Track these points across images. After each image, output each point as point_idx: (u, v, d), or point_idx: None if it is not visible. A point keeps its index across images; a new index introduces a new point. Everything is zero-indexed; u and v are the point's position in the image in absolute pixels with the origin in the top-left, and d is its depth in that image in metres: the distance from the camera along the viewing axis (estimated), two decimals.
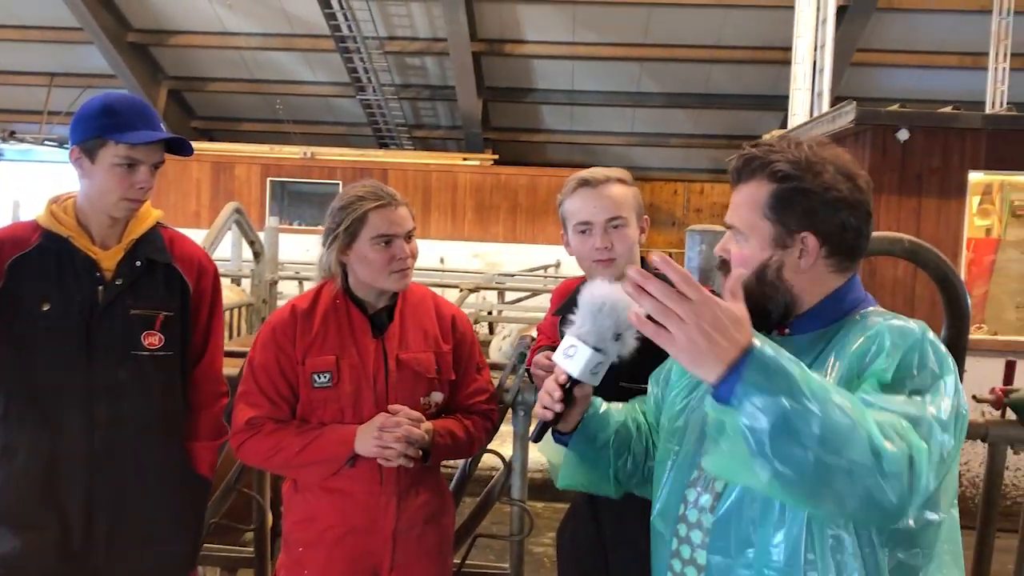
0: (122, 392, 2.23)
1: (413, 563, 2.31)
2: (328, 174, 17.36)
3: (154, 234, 2.31)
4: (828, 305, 1.57)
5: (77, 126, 2.19)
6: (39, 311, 2.19)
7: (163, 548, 2.30)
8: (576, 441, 1.77)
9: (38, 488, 2.18)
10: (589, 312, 1.64)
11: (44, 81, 18.74)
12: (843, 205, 1.53)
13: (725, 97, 17.11)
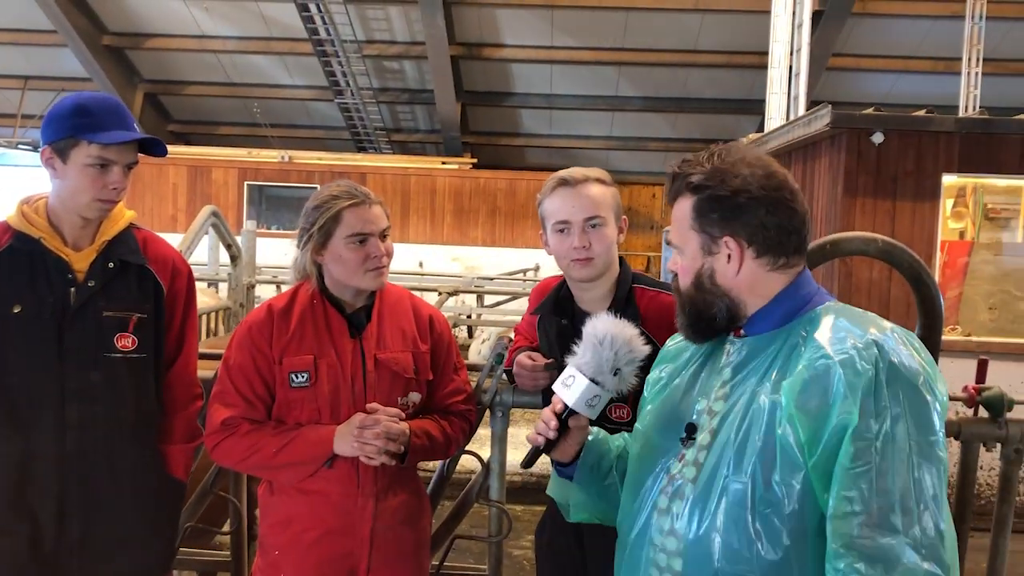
0: (95, 394, 2.20)
1: (390, 564, 2.29)
2: (306, 178, 17.28)
3: (127, 235, 2.28)
4: (778, 305, 1.59)
5: (49, 125, 2.15)
6: (10, 313, 2.15)
7: (137, 552, 2.27)
8: (580, 472, 1.77)
9: (9, 491, 2.15)
10: (591, 344, 1.67)
11: (17, 84, 18.56)
12: (759, 205, 1.55)
13: (702, 101, 17.25)
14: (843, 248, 2.53)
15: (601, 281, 2.25)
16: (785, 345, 1.55)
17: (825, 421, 1.42)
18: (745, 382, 1.57)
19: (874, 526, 1.36)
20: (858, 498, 1.38)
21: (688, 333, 1.67)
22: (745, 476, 1.48)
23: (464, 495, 2.73)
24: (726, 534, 1.49)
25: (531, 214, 16.76)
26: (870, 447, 1.39)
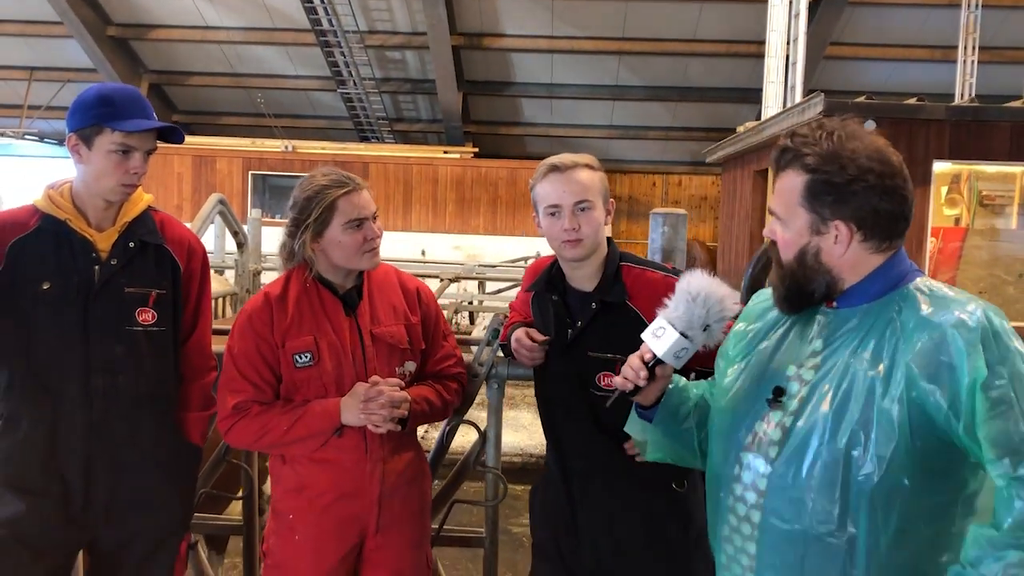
0: (118, 366, 2.35)
1: (397, 524, 2.45)
2: (309, 167, 17.27)
3: (146, 217, 2.43)
4: (872, 282, 1.65)
5: (75, 114, 2.29)
6: (39, 290, 2.29)
7: (158, 512, 2.43)
8: (660, 415, 1.88)
9: (40, 456, 2.30)
10: (684, 299, 1.77)
11: (24, 75, 18.67)
12: (873, 193, 1.60)
13: (702, 90, 17.32)
14: None
15: (590, 260, 2.39)
16: (879, 319, 1.61)
17: (957, 383, 1.49)
18: (838, 353, 1.63)
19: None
20: (1009, 430, 1.45)
21: (784, 305, 1.73)
22: (842, 445, 1.56)
23: (462, 462, 2.90)
24: (808, 496, 1.58)
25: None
26: (1005, 392, 1.46)
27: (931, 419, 1.52)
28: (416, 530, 2.51)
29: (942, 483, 1.56)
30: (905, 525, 1.55)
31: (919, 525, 1.56)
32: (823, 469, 1.58)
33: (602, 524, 2.31)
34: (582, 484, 2.34)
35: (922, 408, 1.53)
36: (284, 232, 2.47)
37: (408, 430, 2.45)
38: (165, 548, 2.46)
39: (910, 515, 1.55)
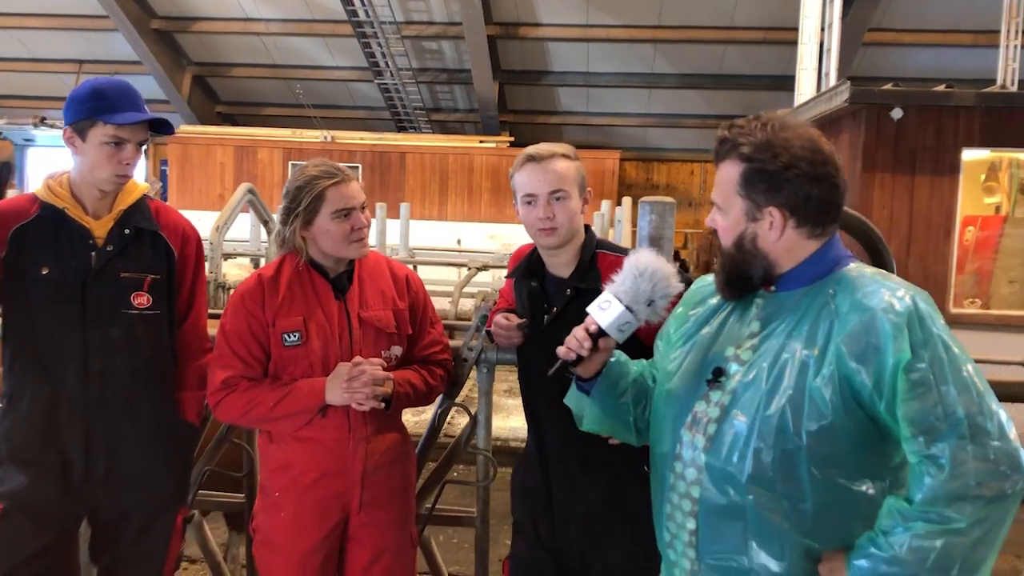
0: (114, 347, 2.47)
1: (380, 501, 2.54)
2: (348, 158, 17.61)
3: (141, 205, 2.55)
4: (808, 266, 1.72)
5: (69, 108, 2.41)
6: (39, 275, 2.42)
7: (154, 487, 2.55)
8: (598, 388, 1.95)
9: (41, 431, 2.43)
10: (631, 274, 1.84)
11: (73, 68, 19.11)
12: (805, 180, 1.67)
13: (739, 78, 17.14)
14: None
15: (567, 247, 2.44)
16: (814, 302, 1.68)
17: (881, 365, 1.55)
18: (775, 335, 1.71)
19: (946, 416, 1.50)
20: (925, 411, 1.51)
21: (726, 291, 1.81)
22: (773, 420, 1.63)
23: (453, 444, 2.98)
24: (751, 467, 1.64)
25: None
26: (925, 375, 1.52)
27: (858, 396, 1.59)
28: (399, 509, 2.59)
29: (868, 457, 1.62)
30: (834, 497, 1.61)
31: (847, 496, 1.62)
32: (756, 444, 1.65)
33: (576, 504, 2.37)
34: (558, 465, 2.40)
35: (850, 386, 1.59)
36: (277, 219, 2.56)
37: (392, 412, 2.53)
38: (162, 520, 2.58)
39: (838, 487, 1.62)
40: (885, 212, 7.24)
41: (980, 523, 1.49)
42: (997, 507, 1.49)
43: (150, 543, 2.57)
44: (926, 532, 1.50)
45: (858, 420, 1.60)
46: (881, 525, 1.56)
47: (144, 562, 2.57)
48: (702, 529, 1.73)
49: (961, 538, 1.49)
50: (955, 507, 1.48)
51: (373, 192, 17.14)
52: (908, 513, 1.52)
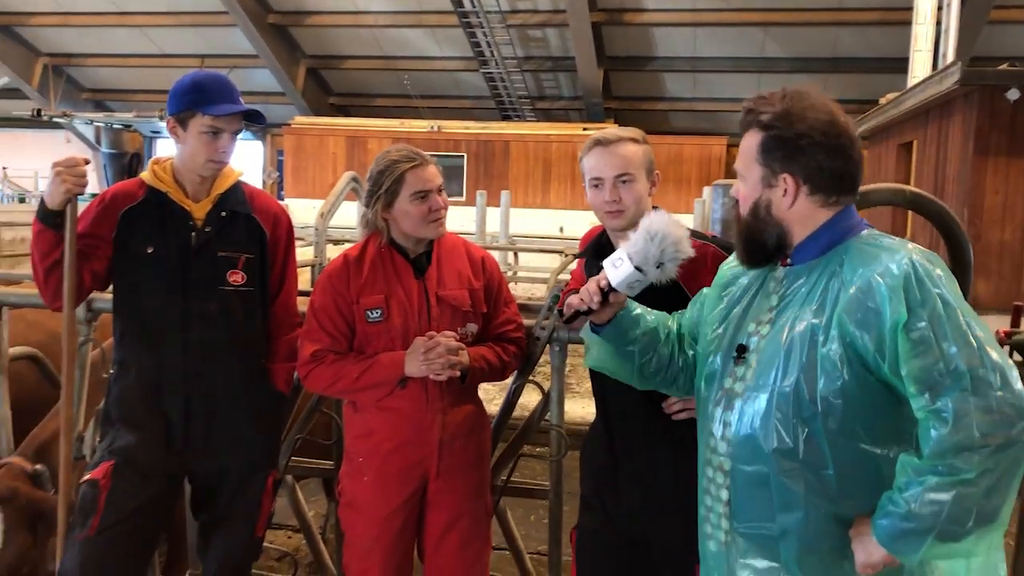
0: (212, 320, 2.64)
1: (456, 470, 2.65)
2: (453, 147, 17.97)
3: (237, 189, 2.72)
4: (821, 235, 1.77)
5: (172, 100, 2.59)
6: (145, 253, 2.61)
7: (247, 450, 2.73)
8: (608, 332, 2.04)
9: (146, 397, 2.64)
10: (643, 236, 1.90)
11: (196, 63, 20.09)
12: (819, 150, 1.72)
13: (854, 61, 16.62)
14: (873, 198, 2.68)
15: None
16: (824, 272, 1.73)
17: (881, 327, 1.59)
18: (790, 307, 1.76)
19: (948, 372, 1.53)
20: (928, 368, 1.55)
21: (744, 257, 1.87)
22: (789, 389, 1.69)
23: (528, 420, 3.08)
24: (774, 438, 1.70)
25: (672, 178, 16.80)
26: (925, 333, 1.55)
27: (864, 361, 1.62)
28: (475, 477, 2.70)
29: (887, 421, 1.65)
30: (857, 462, 1.65)
31: (870, 461, 1.66)
32: (776, 415, 1.70)
33: (639, 479, 2.43)
34: (622, 439, 2.47)
35: (855, 351, 1.63)
36: (363, 202, 2.71)
37: (467, 385, 2.65)
38: (255, 480, 2.77)
39: (860, 452, 1.65)
40: (998, 197, 6.95)
41: (989, 472, 1.50)
42: (1004, 455, 1.50)
43: (244, 501, 2.76)
44: (937, 485, 1.52)
45: (869, 385, 1.63)
46: (897, 482, 1.59)
47: (239, 519, 2.77)
48: (734, 500, 1.79)
49: (972, 488, 1.51)
50: (962, 458, 1.50)
51: (477, 180, 17.42)
52: (919, 468, 1.55)
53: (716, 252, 2.41)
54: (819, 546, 1.70)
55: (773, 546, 1.74)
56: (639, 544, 2.43)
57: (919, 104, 8.31)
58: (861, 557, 1.65)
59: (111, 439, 2.67)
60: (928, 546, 1.56)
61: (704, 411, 1.92)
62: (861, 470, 1.66)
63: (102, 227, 2.63)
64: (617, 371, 2.13)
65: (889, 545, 1.60)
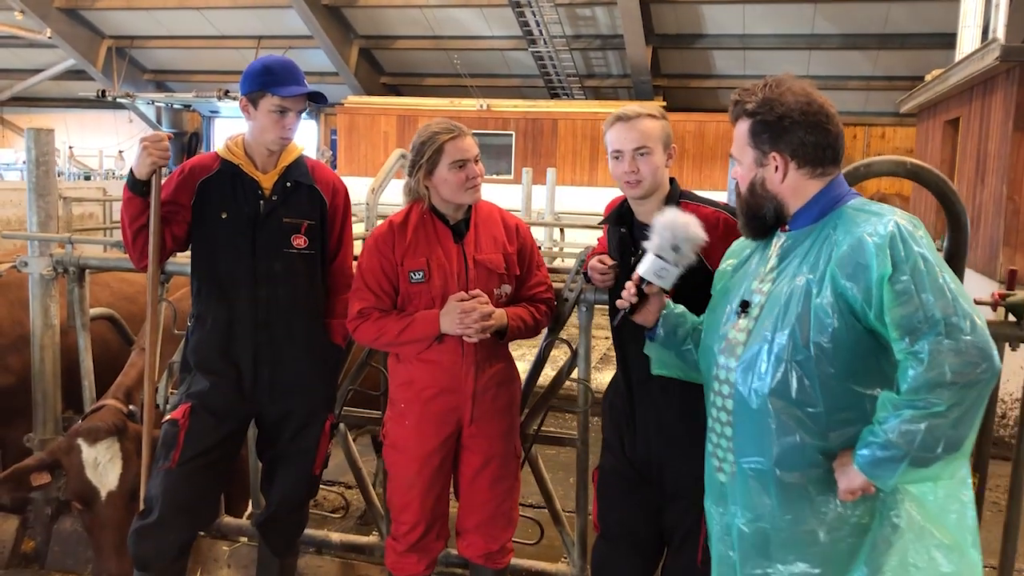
0: (277, 279, 2.96)
1: (488, 417, 2.94)
2: (502, 125, 18.20)
3: (300, 163, 3.03)
4: (814, 204, 2.03)
5: (244, 82, 2.89)
6: (220, 219, 2.94)
7: (308, 395, 3.07)
8: (660, 334, 2.36)
9: (220, 345, 2.98)
10: (657, 229, 2.27)
11: (252, 44, 20.60)
12: (799, 128, 1.98)
13: (905, 37, 16.42)
14: (875, 170, 2.88)
15: (653, 198, 2.73)
16: (819, 236, 1.99)
17: (868, 280, 1.82)
18: (788, 267, 2.02)
19: (926, 319, 1.77)
20: (909, 315, 1.79)
21: (747, 231, 2.16)
22: (785, 336, 1.94)
23: (557, 374, 3.36)
24: (770, 380, 1.95)
25: (720, 156, 16.80)
26: (907, 285, 1.78)
27: (852, 309, 1.87)
28: (505, 423, 2.99)
29: (873, 364, 1.89)
30: (844, 401, 1.90)
31: (857, 401, 1.90)
32: (774, 357, 1.95)
33: (655, 422, 2.69)
34: (639, 387, 2.72)
35: (845, 300, 1.87)
36: (406, 171, 2.99)
37: (504, 341, 2.92)
38: (314, 423, 3.10)
39: (849, 392, 1.90)
40: None
41: (957, 406, 1.74)
42: (970, 391, 1.75)
43: (304, 441, 3.10)
44: (912, 417, 1.77)
45: (857, 331, 1.87)
46: (877, 416, 1.84)
47: (300, 456, 3.11)
48: (736, 437, 2.05)
49: (942, 420, 1.75)
50: (935, 393, 1.75)
51: (526, 158, 17.64)
52: (897, 402, 1.80)
53: (727, 219, 2.65)
54: (805, 478, 1.95)
55: (766, 480, 1.99)
56: (653, 482, 2.71)
57: (963, 80, 8.34)
58: (843, 484, 1.90)
59: (188, 384, 3.02)
60: (902, 472, 1.81)
61: (710, 359, 2.18)
62: (848, 409, 1.91)
63: (182, 195, 2.95)
64: (681, 370, 2.41)
65: (868, 472, 1.84)
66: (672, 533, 2.63)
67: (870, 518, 1.89)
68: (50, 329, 3.83)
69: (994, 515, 5.38)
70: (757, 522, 1.98)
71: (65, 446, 3.19)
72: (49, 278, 3.79)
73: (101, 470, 3.14)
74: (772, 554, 1.96)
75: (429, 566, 3.05)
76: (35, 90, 24.06)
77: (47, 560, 3.91)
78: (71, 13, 20.67)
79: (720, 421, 2.11)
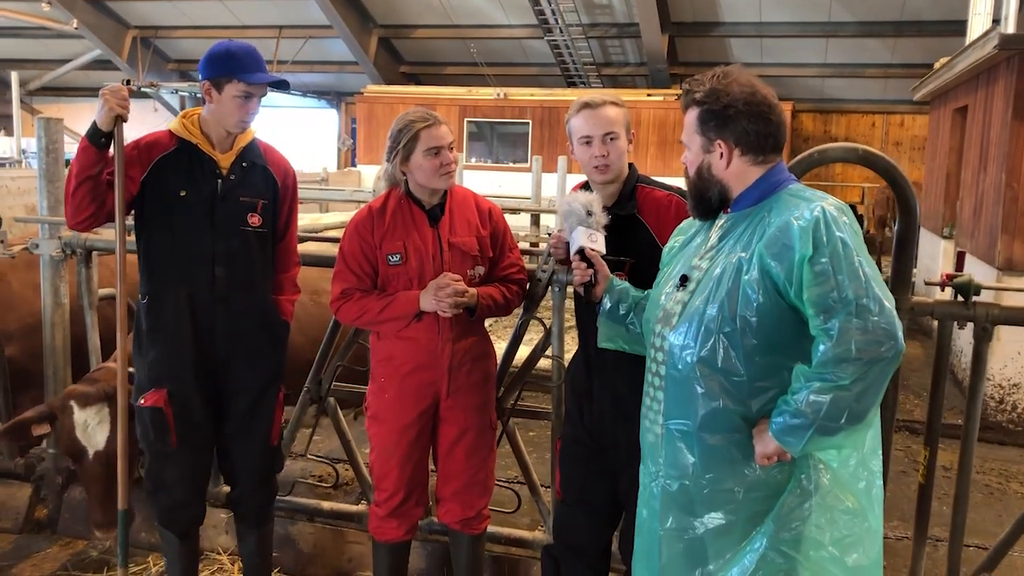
0: (234, 256, 3.04)
1: (464, 390, 3.11)
2: (518, 114, 18.33)
3: (254, 145, 3.14)
4: (753, 189, 2.17)
5: (208, 66, 2.95)
6: (178, 196, 2.98)
7: (263, 369, 3.19)
8: (602, 308, 2.54)
9: (181, 319, 3.03)
10: (564, 208, 2.62)
11: (273, 34, 20.80)
12: (743, 117, 2.13)
13: (921, 24, 16.33)
14: (829, 156, 3.01)
15: (615, 182, 2.89)
16: (755, 218, 2.13)
17: (791, 260, 1.98)
18: (725, 245, 2.17)
19: (839, 299, 1.91)
20: (824, 295, 1.93)
21: (693, 211, 2.32)
22: (715, 309, 2.09)
23: (532, 352, 3.53)
24: (699, 349, 2.10)
25: None
26: (825, 267, 1.94)
27: (775, 286, 2.02)
28: (480, 396, 3.16)
29: (792, 339, 2.04)
30: (765, 372, 2.05)
31: (777, 372, 2.05)
32: (702, 328, 2.11)
33: (610, 395, 2.85)
34: (598, 361, 2.88)
35: (770, 278, 2.02)
36: (384, 159, 3.14)
37: (475, 319, 3.09)
38: (269, 394, 3.23)
39: (769, 364, 2.05)
40: None
41: (860, 380, 1.90)
42: (873, 367, 1.89)
43: (261, 413, 3.22)
44: (819, 388, 1.92)
45: (779, 307, 2.02)
46: (792, 387, 1.99)
47: (258, 429, 3.22)
48: (666, 400, 2.21)
49: (846, 392, 1.90)
50: (841, 368, 1.90)
51: (542, 146, 17.76)
52: (808, 374, 1.95)
53: (679, 201, 2.81)
54: (727, 441, 2.11)
55: (691, 441, 2.15)
56: (609, 451, 2.87)
57: (968, 68, 8.36)
58: (759, 449, 2.07)
59: (151, 365, 3.10)
60: (808, 439, 1.97)
61: (647, 328, 2.35)
62: (768, 378, 2.07)
63: (133, 167, 2.99)
64: (627, 342, 2.60)
65: (780, 438, 2.01)
66: (626, 498, 2.79)
67: (785, 481, 2.05)
68: (60, 307, 4.06)
69: (985, 497, 5.52)
70: (681, 480, 2.15)
71: (59, 404, 3.37)
72: (59, 259, 4.02)
73: (90, 432, 3.33)
74: (694, 510, 2.12)
75: (409, 531, 3.24)
76: (63, 80, 24.46)
77: (58, 526, 4.16)
78: (97, 4, 21.01)
79: (653, 386, 2.27)
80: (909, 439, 6.23)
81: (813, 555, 1.99)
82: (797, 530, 1.99)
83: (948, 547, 3.18)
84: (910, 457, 5.93)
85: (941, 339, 3.05)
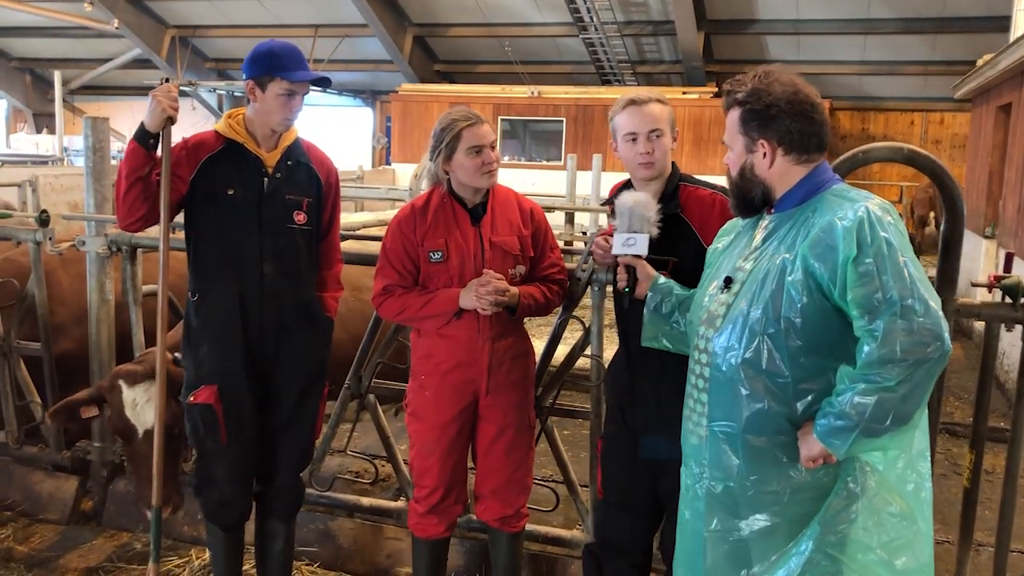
0: (281, 253, 3.08)
1: (503, 388, 3.13)
2: (553, 112, 18.30)
3: (298, 143, 3.18)
4: (798, 189, 2.17)
5: (251, 66, 2.97)
6: (227, 195, 3.03)
7: (309, 363, 3.22)
8: (647, 307, 2.56)
9: (231, 314, 3.06)
10: (617, 211, 2.64)
11: (309, 32, 20.92)
12: (784, 116, 2.12)
13: (963, 20, 16.05)
14: (873, 156, 2.97)
15: (658, 180, 2.89)
16: (800, 219, 2.13)
17: (835, 261, 1.98)
18: (769, 246, 2.16)
19: (884, 300, 1.90)
20: (869, 296, 1.92)
21: (736, 211, 2.32)
22: (759, 311, 2.09)
23: (571, 351, 3.53)
24: (743, 351, 2.10)
25: None
26: (870, 268, 1.93)
27: (820, 287, 2.01)
28: (519, 395, 3.17)
29: (838, 340, 2.03)
30: (809, 373, 2.04)
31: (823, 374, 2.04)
32: (746, 330, 2.11)
33: (653, 391, 2.85)
34: (639, 360, 2.88)
35: (814, 279, 2.01)
36: (427, 157, 3.17)
37: (516, 318, 3.11)
38: (315, 388, 3.26)
39: (814, 365, 2.04)
40: None
41: (906, 382, 1.88)
42: (919, 369, 1.88)
43: (307, 408, 3.26)
44: (864, 390, 1.91)
45: (823, 308, 2.01)
46: (836, 389, 1.98)
47: (302, 425, 3.27)
48: (710, 402, 2.20)
49: (891, 394, 1.89)
50: (886, 369, 1.89)
51: (576, 145, 17.72)
52: (853, 376, 1.94)
53: (723, 199, 2.80)
54: (772, 443, 2.10)
55: (735, 443, 2.15)
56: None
57: (1013, 65, 8.23)
58: (804, 451, 2.06)
59: (201, 362, 3.14)
60: (854, 441, 1.95)
61: (692, 330, 2.35)
62: (812, 379, 2.06)
63: (181, 168, 3.04)
64: (671, 341, 2.61)
65: (825, 440, 1.99)
66: (668, 498, 2.79)
67: (831, 483, 2.04)
68: (105, 304, 4.14)
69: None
70: (726, 481, 2.14)
71: (108, 385, 3.41)
72: (104, 256, 4.09)
73: (139, 410, 3.35)
74: (739, 512, 2.12)
75: (448, 528, 3.27)
76: (103, 79, 24.83)
77: (103, 518, 4.24)
78: (137, 4, 21.31)
79: (697, 388, 2.27)
80: (949, 442, 6.13)
81: (860, 558, 1.98)
82: (843, 533, 1.98)
83: (994, 552, 3.13)
84: (950, 460, 5.84)
85: (988, 341, 3.01)
